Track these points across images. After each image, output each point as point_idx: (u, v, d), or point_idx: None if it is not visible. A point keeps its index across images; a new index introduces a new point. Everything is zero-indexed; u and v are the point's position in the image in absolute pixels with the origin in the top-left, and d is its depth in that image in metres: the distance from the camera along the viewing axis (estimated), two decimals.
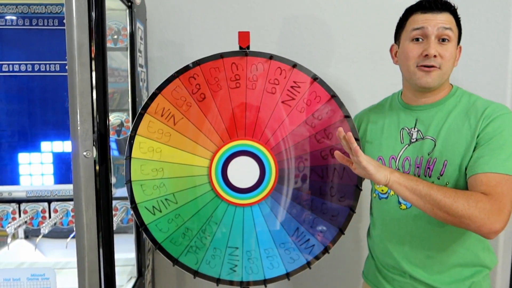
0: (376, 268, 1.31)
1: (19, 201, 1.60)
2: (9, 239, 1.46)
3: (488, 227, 0.99)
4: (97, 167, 1.04)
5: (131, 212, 1.29)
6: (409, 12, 1.18)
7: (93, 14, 1.01)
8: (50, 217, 1.59)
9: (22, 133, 1.61)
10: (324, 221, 1.29)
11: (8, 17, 1.59)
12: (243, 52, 1.24)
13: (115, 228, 1.29)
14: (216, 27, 1.78)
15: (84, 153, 1.02)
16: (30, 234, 1.64)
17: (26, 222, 1.57)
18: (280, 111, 1.25)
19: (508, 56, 1.76)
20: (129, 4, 1.40)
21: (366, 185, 1.33)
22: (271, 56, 1.24)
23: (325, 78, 1.27)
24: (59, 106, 1.59)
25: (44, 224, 1.45)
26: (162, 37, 1.79)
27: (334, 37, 1.80)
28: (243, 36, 1.25)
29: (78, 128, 1.01)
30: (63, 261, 1.53)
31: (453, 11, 1.14)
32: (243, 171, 1.26)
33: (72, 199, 1.05)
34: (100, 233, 1.06)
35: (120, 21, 1.56)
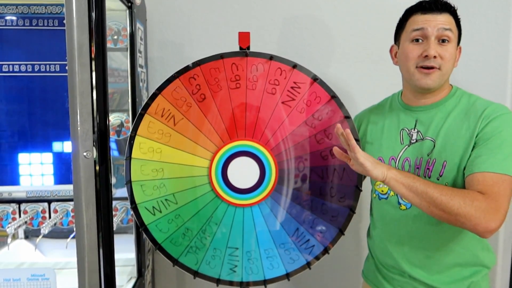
0: (376, 268, 1.31)
1: (19, 201, 1.60)
2: (9, 239, 1.46)
3: (484, 226, 0.99)
4: (97, 168, 1.05)
5: (131, 213, 1.29)
6: (409, 12, 1.18)
7: (93, 15, 1.01)
8: (50, 217, 1.59)
9: (22, 133, 1.61)
10: (324, 221, 1.29)
11: (8, 18, 1.59)
12: (243, 53, 1.24)
13: (115, 228, 1.29)
14: (216, 27, 1.78)
15: (84, 154, 1.02)
16: (30, 234, 1.64)
17: (26, 222, 1.57)
18: (280, 112, 1.25)
19: (508, 57, 1.77)
20: (129, 4, 1.40)
21: (366, 186, 1.34)
22: (271, 56, 1.24)
23: (325, 78, 1.28)
24: (59, 107, 1.60)
25: (44, 224, 1.45)
26: (162, 38, 1.79)
27: (334, 37, 1.80)
28: (243, 37, 1.25)
29: (78, 128, 1.01)
30: (63, 261, 1.54)
31: (453, 12, 1.14)
32: (243, 172, 1.26)
33: (72, 200, 1.06)
34: (100, 233, 1.06)
35: (120, 21, 1.56)
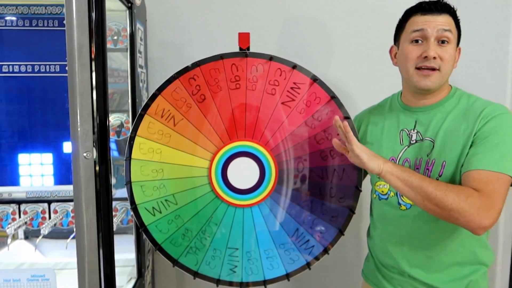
0: (375, 267, 1.31)
1: (19, 202, 1.60)
2: (9, 240, 1.46)
3: (477, 222, 1.00)
4: (97, 168, 1.05)
5: (131, 213, 1.29)
6: (409, 13, 1.18)
7: (93, 15, 1.01)
8: (50, 217, 1.59)
9: (22, 133, 1.61)
10: (323, 221, 1.29)
11: (8, 18, 1.59)
12: (243, 53, 1.24)
13: (115, 228, 1.29)
14: (216, 28, 1.78)
15: (84, 154, 1.02)
16: (30, 235, 1.64)
17: (26, 222, 1.57)
18: (280, 112, 1.26)
19: (508, 57, 1.77)
20: (129, 5, 1.40)
21: (366, 186, 1.34)
22: (271, 57, 1.25)
23: (325, 79, 1.28)
24: (59, 107, 1.60)
25: (44, 225, 1.45)
26: (162, 38, 1.79)
27: (334, 38, 1.80)
28: (243, 37, 1.25)
29: (78, 129, 1.01)
30: (63, 261, 1.54)
31: (453, 13, 1.14)
32: (243, 172, 1.26)
33: (72, 200, 1.06)
34: (100, 233, 1.06)
35: (120, 22, 1.56)
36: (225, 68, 1.24)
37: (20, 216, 1.60)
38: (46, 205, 1.61)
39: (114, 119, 1.61)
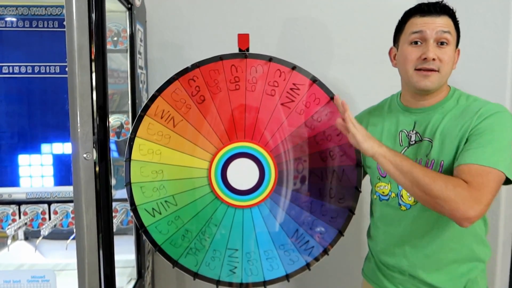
0: (376, 266, 1.32)
1: (19, 203, 1.60)
2: (9, 241, 1.46)
3: (461, 212, 1.00)
4: (97, 169, 1.05)
5: (131, 214, 1.29)
6: (408, 15, 1.18)
7: (93, 16, 1.01)
8: (50, 218, 1.59)
9: (22, 134, 1.62)
10: (323, 222, 1.29)
11: (8, 19, 1.59)
12: (242, 54, 1.24)
13: (115, 229, 1.29)
14: (215, 29, 1.78)
15: (84, 155, 1.02)
16: (30, 236, 1.64)
17: (26, 223, 1.57)
18: (280, 113, 1.26)
19: (507, 58, 1.77)
20: (129, 6, 1.40)
21: (366, 186, 1.34)
22: (270, 58, 1.25)
23: (325, 80, 1.28)
24: (59, 108, 1.60)
25: (44, 226, 1.45)
26: (161, 39, 1.79)
27: (333, 39, 1.80)
28: (243, 38, 1.25)
29: (78, 130, 1.01)
30: (63, 262, 1.54)
31: (452, 15, 1.15)
32: (242, 173, 1.26)
33: (72, 201, 1.06)
34: (100, 234, 1.06)
35: (120, 23, 1.56)
36: (225, 69, 1.24)
37: (20, 217, 1.60)
38: (46, 206, 1.61)
39: (114, 120, 1.61)
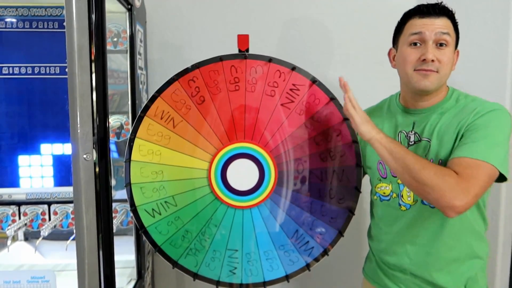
0: (377, 266, 1.32)
1: (19, 203, 1.60)
2: (9, 241, 1.46)
3: (447, 201, 1.00)
4: (97, 170, 1.05)
5: (130, 215, 1.29)
6: (407, 16, 1.18)
7: (93, 17, 1.01)
8: (50, 219, 1.59)
9: (22, 135, 1.62)
10: (323, 223, 1.29)
11: (8, 20, 1.59)
12: (242, 55, 1.24)
13: (115, 230, 1.29)
14: (215, 29, 1.78)
15: (84, 156, 1.02)
16: (30, 236, 1.64)
17: (26, 224, 1.57)
18: (279, 114, 1.26)
19: (507, 58, 1.77)
20: (129, 6, 1.40)
21: (366, 187, 1.34)
22: (270, 59, 1.25)
23: (324, 80, 1.28)
24: (59, 109, 1.60)
25: (44, 226, 1.45)
26: (161, 40, 1.79)
27: (333, 39, 1.80)
28: (242, 39, 1.25)
29: (78, 130, 1.02)
30: (63, 263, 1.54)
31: (451, 16, 1.15)
32: (242, 174, 1.26)
33: (72, 201, 1.06)
34: (100, 235, 1.06)
35: (120, 23, 1.56)
36: (225, 70, 1.24)
37: (20, 218, 1.60)
38: (46, 206, 1.61)
39: (114, 120, 1.61)
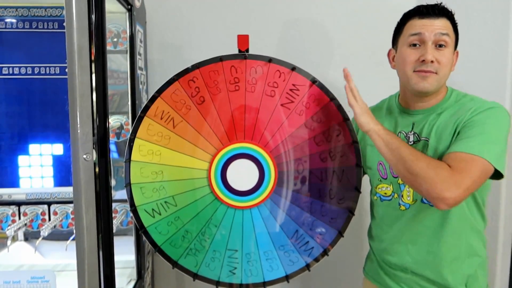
0: (378, 265, 1.33)
1: (19, 204, 1.60)
2: (9, 242, 1.46)
3: (437, 192, 1.01)
4: (97, 170, 1.05)
5: (130, 215, 1.29)
6: (407, 17, 1.18)
7: (93, 17, 1.01)
8: (50, 219, 1.60)
9: (22, 135, 1.62)
10: (323, 223, 1.29)
11: (8, 20, 1.59)
12: (242, 55, 1.24)
13: (115, 230, 1.29)
14: (215, 30, 1.79)
15: (84, 156, 1.02)
16: (30, 237, 1.64)
17: (26, 224, 1.57)
18: (279, 114, 1.26)
19: (507, 58, 1.77)
20: (129, 7, 1.40)
21: (366, 187, 1.34)
22: (270, 59, 1.25)
23: (324, 81, 1.28)
24: (59, 109, 1.60)
25: (44, 227, 1.45)
26: (161, 40, 1.79)
27: (333, 40, 1.80)
28: (242, 40, 1.25)
29: (78, 131, 1.02)
30: (63, 263, 1.54)
31: (450, 17, 1.15)
32: (242, 174, 1.26)
33: (72, 202, 1.06)
34: (100, 235, 1.06)
35: (120, 24, 1.56)
36: (224, 70, 1.24)
37: (20, 218, 1.60)
38: (46, 206, 1.61)
39: (114, 121, 1.61)
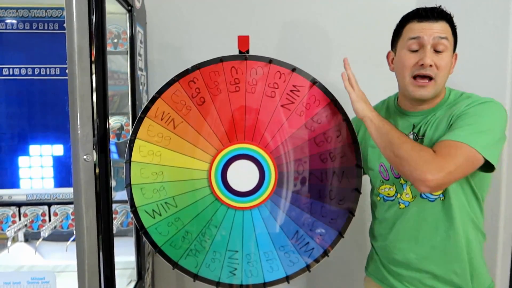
0: (381, 264, 1.33)
1: (19, 205, 1.60)
2: (9, 243, 1.46)
3: (419, 174, 1.02)
4: (97, 171, 1.05)
5: (131, 216, 1.29)
6: (406, 20, 1.18)
7: (93, 18, 1.01)
8: (50, 220, 1.60)
9: (22, 136, 1.62)
10: (323, 224, 1.29)
11: (8, 21, 1.60)
12: (242, 56, 1.25)
13: (115, 231, 1.29)
14: (215, 31, 1.79)
15: (84, 157, 1.02)
16: (30, 237, 1.64)
17: (26, 225, 1.57)
18: (280, 115, 1.26)
19: (507, 58, 1.76)
20: (129, 7, 1.40)
21: (366, 188, 1.34)
22: (270, 60, 1.25)
23: (325, 81, 1.28)
24: (59, 110, 1.60)
25: (44, 227, 1.45)
26: (162, 41, 1.79)
27: (333, 41, 1.80)
28: (243, 40, 1.25)
29: (78, 131, 1.02)
30: (63, 264, 1.53)
31: (449, 20, 1.15)
32: (242, 175, 1.26)
33: (72, 202, 1.06)
34: (100, 236, 1.06)
35: (120, 24, 1.56)
36: (225, 71, 1.24)
37: (20, 219, 1.60)
38: (46, 207, 1.61)
39: (114, 121, 1.61)
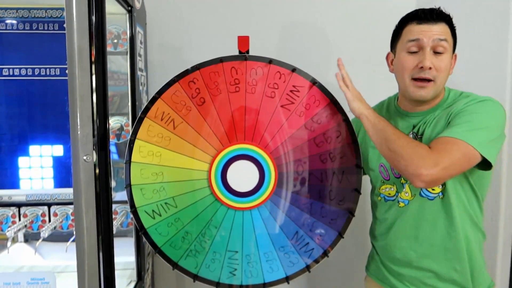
0: (381, 264, 1.33)
1: (19, 205, 1.60)
2: (9, 243, 1.46)
3: (413, 169, 1.03)
4: (97, 171, 1.05)
5: (130, 216, 1.29)
6: (405, 21, 1.18)
7: (93, 18, 1.01)
8: (50, 220, 1.59)
9: (22, 136, 1.62)
10: (323, 224, 1.29)
11: (8, 21, 1.60)
12: (242, 57, 1.25)
13: (115, 231, 1.29)
14: (215, 31, 1.79)
15: (84, 157, 1.02)
16: (30, 238, 1.64)
17: (26, 225, 1.57)
18: (280, 115, 1.26)
19: (507, 58, 1.76)
20: (129, 8, 1.40)
21: (366, 188, 1.34)
22: (270, 60, 1.25)
23: (324, 82, 1.28)
24: (59, 110, 1.60)
25: (44, 228, 1.45)
26: (162, 41, 1.79)
27: (333, 41, 1.81)
28: (243, 41, 1.25)
29: (78, 132, 1.02)
30: (63, 264, 1.53)
31: (449, 21, 1.15)
32: (242, 175, 1.26)
33: (72, 203, 1.06)
34: (100, 236, 1.06)
35: (120, 25, 1.56)
36: (225, 71, 1.24)
37: (20, 219, 1.60)
38: (46, 208, 1.61)
39: (114, 122, 1.61)
